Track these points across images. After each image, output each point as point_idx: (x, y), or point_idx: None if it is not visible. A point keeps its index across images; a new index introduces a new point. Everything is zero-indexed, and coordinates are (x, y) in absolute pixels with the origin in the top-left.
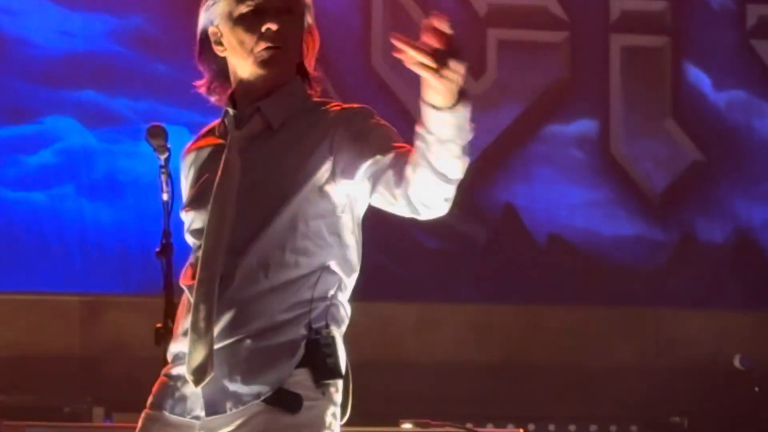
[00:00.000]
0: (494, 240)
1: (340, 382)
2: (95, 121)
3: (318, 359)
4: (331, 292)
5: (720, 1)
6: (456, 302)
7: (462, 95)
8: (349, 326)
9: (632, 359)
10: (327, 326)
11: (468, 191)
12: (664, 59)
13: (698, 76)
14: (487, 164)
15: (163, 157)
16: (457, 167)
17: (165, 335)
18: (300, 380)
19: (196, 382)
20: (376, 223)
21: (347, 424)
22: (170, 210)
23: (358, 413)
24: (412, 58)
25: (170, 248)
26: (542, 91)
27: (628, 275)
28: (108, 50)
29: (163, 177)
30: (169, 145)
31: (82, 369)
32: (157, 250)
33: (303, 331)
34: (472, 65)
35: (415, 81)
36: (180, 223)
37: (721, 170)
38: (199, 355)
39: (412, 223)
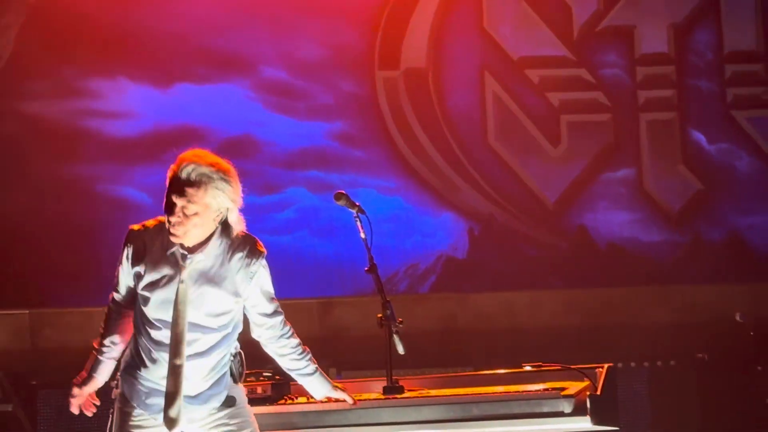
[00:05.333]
0: None
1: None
2: (318, 189)
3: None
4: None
5: None
6: None
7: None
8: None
9: None
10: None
11: None
12: None
13: None
14: None
15: (354, 210)
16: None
17: (382, 321)
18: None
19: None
20: None
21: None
22: (370, 245)
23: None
24: None
25: (375, 267)
26: None
27: None
28: (324, 144)
29: (358, 223)
30: (357, 203)
31: (321, 345)
32: (367, 268)
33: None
34: None
35: (517, 150)
36: (384, 249)
37: None
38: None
39: None
